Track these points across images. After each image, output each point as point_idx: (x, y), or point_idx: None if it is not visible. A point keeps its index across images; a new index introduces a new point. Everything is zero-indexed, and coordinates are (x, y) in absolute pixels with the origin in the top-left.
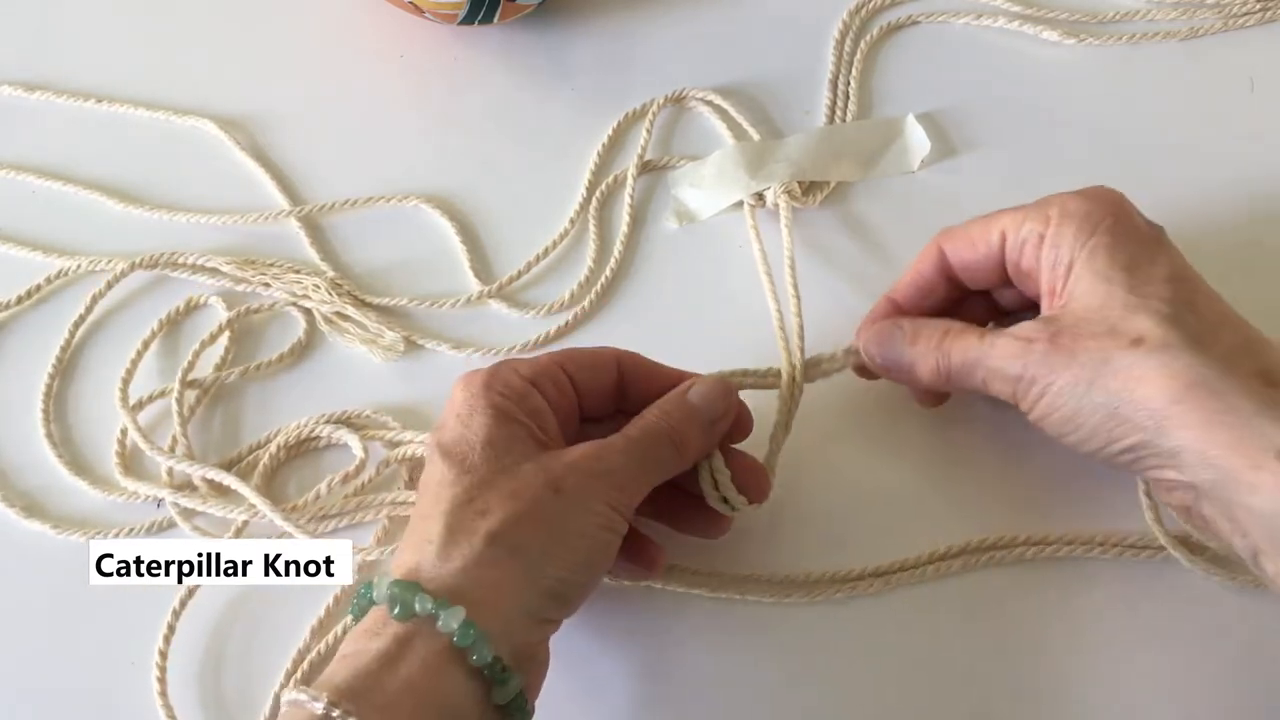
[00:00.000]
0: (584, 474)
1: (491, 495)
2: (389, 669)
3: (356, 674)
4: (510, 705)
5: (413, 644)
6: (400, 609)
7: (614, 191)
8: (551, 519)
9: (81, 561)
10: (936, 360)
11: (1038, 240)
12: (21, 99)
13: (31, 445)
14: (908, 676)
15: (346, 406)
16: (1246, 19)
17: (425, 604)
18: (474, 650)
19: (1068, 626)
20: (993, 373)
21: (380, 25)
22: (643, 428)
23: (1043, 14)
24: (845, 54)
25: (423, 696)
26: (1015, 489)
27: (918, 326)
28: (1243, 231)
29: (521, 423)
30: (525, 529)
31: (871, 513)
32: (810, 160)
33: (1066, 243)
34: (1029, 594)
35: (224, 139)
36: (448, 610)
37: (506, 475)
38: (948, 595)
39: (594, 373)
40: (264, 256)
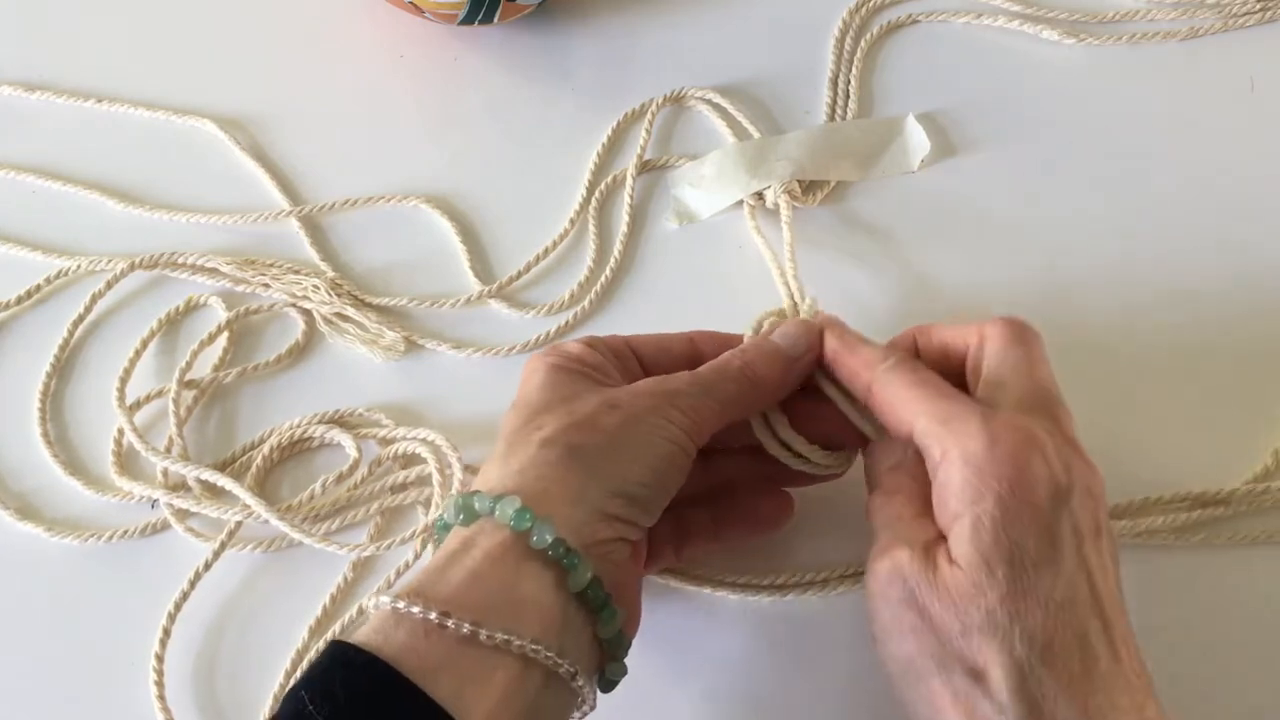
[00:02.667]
0: (643, 393)
1: (548, 416)
2: (453, 563)
3: (424, 573)
4: (590, 595)
5: (476, 540)
6: (464, 515)
7: (614, 191)
8: (608, 429)
9: (76, 563)
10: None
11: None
12: (21, 99)
13: (28, 445)
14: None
15: (345, 407)
16: (1246, 19)
17: (484, 502)
18: (534, 533)
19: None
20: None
21: (380, 25)
22: (714, 364)
23: (1043, 14)
24: (845, 53)
25: (489, 583)
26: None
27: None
28: (1243, 232)
29: (581, 372)
30: (580, 434)
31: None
32: (810, 159)
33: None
34: None
35: (224, 139)
36: (503, 500)
37: (564, 402)
38: None
39: (661, 352)
40: (264, 256)
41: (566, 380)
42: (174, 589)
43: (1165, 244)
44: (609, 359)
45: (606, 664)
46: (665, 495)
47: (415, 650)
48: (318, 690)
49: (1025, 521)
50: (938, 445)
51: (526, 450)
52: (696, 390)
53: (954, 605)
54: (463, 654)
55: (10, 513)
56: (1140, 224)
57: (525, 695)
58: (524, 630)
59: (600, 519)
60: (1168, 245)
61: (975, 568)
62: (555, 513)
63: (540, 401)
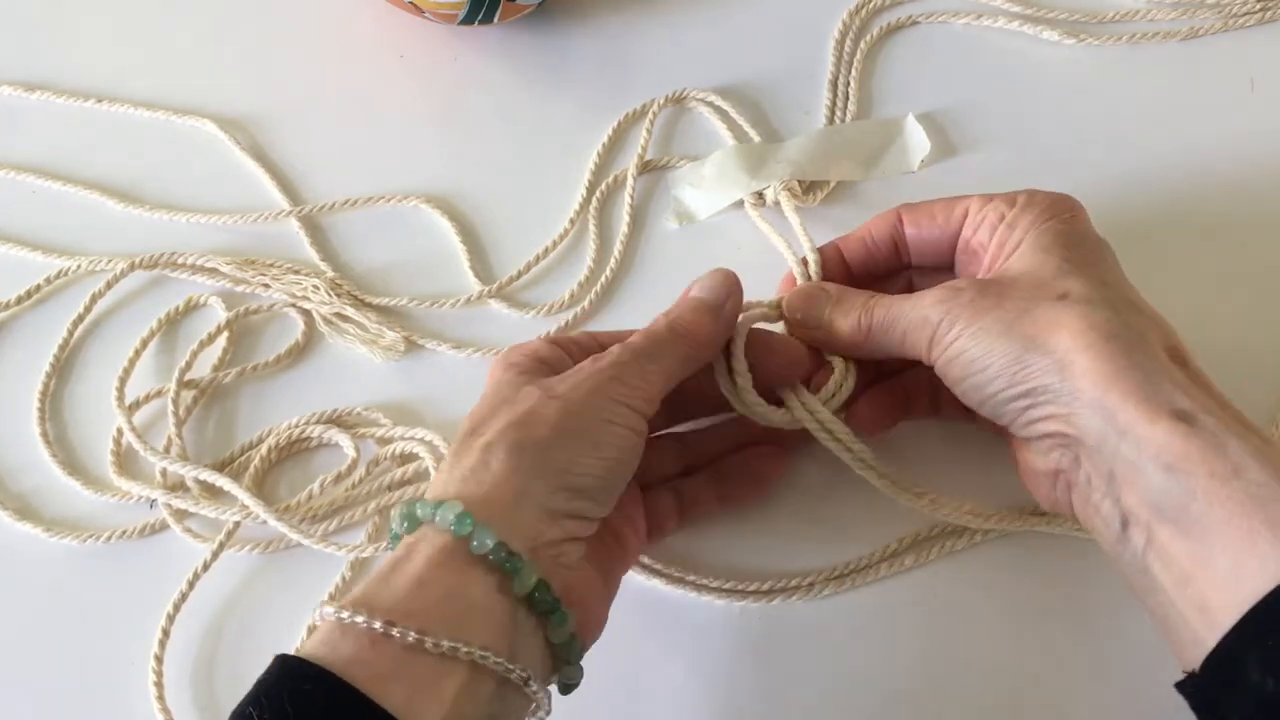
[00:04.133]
0: (581, 378)
1: (491, 419)
2: (397, 570)
3: (369, 582)
4: (537, 600)
5: (419, 546)
6: (408, 523)
7: (614, 191)
8: (550, 420)
9: (75, 563)
10: (859, 317)
11: (997, 219)
12: (21, 99)
13: (27, 445)
14: (896, 665)
15: (343, 407)
16: (1246, 19)
17: (425, 508)
18: (474, 538)
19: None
20: (914, 322)
21: (380, 25)
22: (643, 330)
23: (1043, 14)
24: (845, 54)
25: (434, 589)
26: (953, 480)
27: (843, 292)
28: (1243, 232)
29: (533, 370)
30: (521, 431)
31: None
32: (810, 160)
33: (1022, 225)
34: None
35: (224, 139)
36: (444, 506)
37: (506, 403)
38: (905, 589)
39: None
40: (264, 256)
41: (515, 381)
42: (173, 589)
43: (1165, 243)
44: (573, 353)
45: (560, 668)
46: (618, 480)
47: (363, 661)
48: (266, 706)
49: (1081, 234)
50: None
51: (470, 455)
52: (631, 358)
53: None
54: (411, 663)
55: (9, 513)
56: (1140, 224)
57: (477, 702)
58: (471, 637)
59: (546, 519)
60: (1167, 244)
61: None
62: (497, 516)
63: (487, 406)
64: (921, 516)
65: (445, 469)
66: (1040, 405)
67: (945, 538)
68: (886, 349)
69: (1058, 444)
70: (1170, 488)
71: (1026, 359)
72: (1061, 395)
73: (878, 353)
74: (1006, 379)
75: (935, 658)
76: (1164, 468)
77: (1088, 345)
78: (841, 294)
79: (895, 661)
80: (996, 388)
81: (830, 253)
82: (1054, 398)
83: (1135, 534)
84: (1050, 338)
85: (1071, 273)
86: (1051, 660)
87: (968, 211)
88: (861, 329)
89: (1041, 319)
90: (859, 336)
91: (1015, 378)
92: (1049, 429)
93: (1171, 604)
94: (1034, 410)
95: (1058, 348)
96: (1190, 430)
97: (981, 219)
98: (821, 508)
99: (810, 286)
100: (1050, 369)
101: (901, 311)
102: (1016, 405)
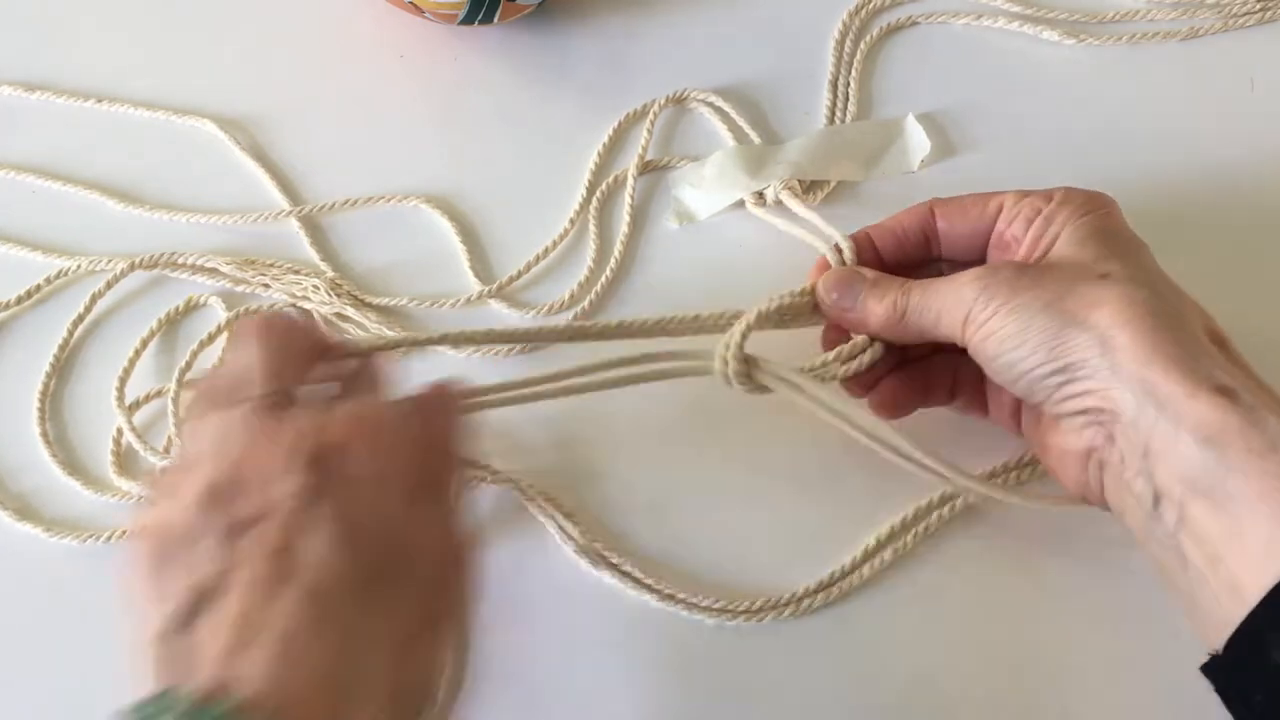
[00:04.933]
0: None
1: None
2: None
3: None
4: None
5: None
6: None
7: (614, 192)
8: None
9: (75, 563)
10: (894, 300)
11: (1034, 213)
12: (21, 99)
13: (27, 446)
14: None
15: None
16: (1246, 19)
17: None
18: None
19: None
20: (950, 302)
21: (380, 25)
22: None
23: (1043, 14)
24: (845, 55)
25: None
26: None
27: (880, 277)
28: (1243, 232)
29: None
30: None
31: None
32: (810, 161)
33: (1059, 219)
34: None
35: (224, 139)
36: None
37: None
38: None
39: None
40: (264, 256)
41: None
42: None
43: (1164, 243)
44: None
45: None
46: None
47: None
48: None
49: (1118, 229)
50: (1042, 196)
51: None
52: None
53: (1063, 266)
54: None
55: (9, 513)
56: (1140, 223)
57: None
58: None
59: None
60: (1167, 244)
61: (1074, 244)
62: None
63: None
64: (896, 503)
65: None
66: (1078, 380)
67: (919, 520)
68: (920, 332)
69: (1092, 421)
70: (1207, 461)
71: (1065, 334)
72: (1101, 370)
73: (911, 336)
74: (1044, 354)
75: (928, 652)
76: (1202, 440)
77: (1129, 320)
78: (878, 278)
79: (896, 665)
80: (1033, 363)
81: (862, 240)
82: (1093, 373)
83: (1168, 511)
84: (1091, 314)
85: (1111, 258)
86: (1057, 637)
87: (1002, 206)
88: (897, 311)
89: (1083, 297)
90: (894, 319)
91: (1053, 353)
92: (1085, 404)
93: (1203, 582)
94: (1071, 386)
95: (1099, 324)
96: (1230, 404)
97: (1017, 213)
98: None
99: (846, 270)
100: (1090, 344)
101: (937, 292)
102: (1052, 381)
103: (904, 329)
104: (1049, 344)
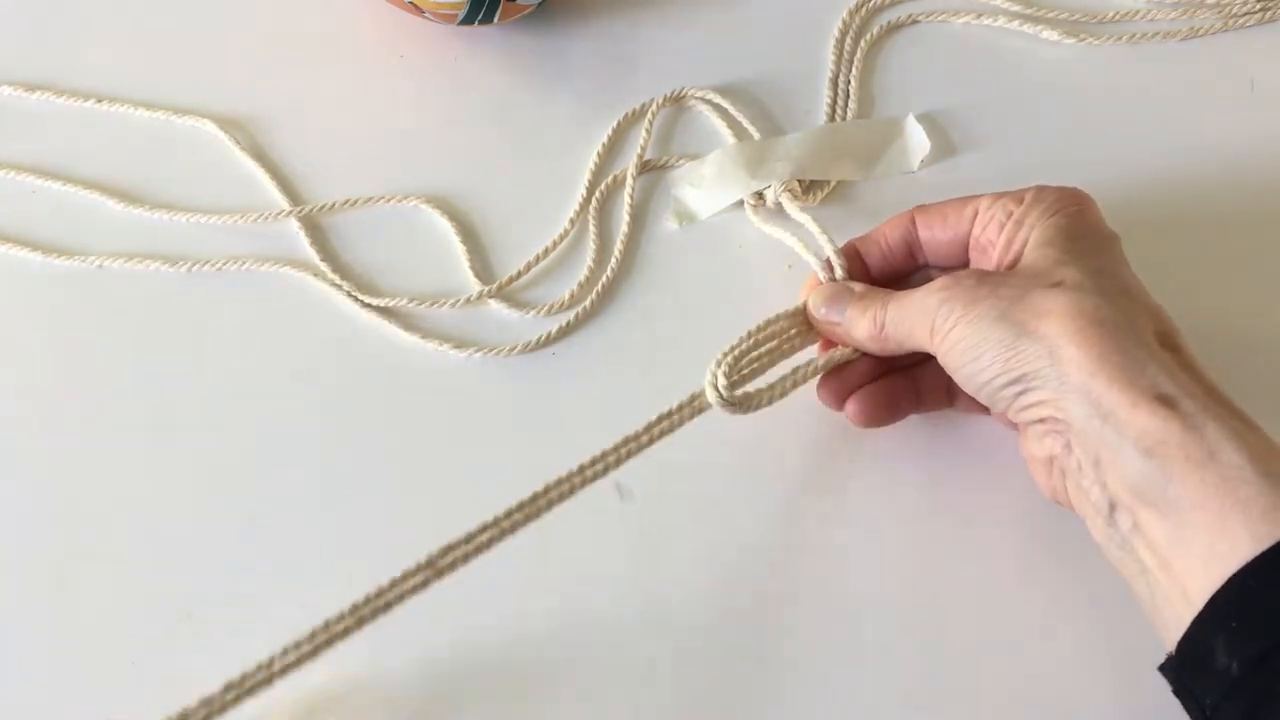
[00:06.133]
0: None
1: None
2: None
3: None
4: None
5: None
6: None
7: (614, 191)
8: None
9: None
10: (874, 314)
11: (1005, 216)
12: (21, 99)
13: None
14: None
15: None
16: (1246, 19)
17: None
18: None
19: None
20: (917, 315)
21: (380, 25)
22: None
23: (1043, 14)
24: (845, 53)
25: None
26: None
27: (867, 291)
28: (1243, 233)
29: None
30: None
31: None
32: (810, 159)
33: (1029, 220)
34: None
35: (224, 139)
36: None
37: None
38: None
39: None
40: (264, 256)
41: None
42: None
43: (1164, 243)
44: None
45: None
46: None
47: None
48: None
49: (1089, 226)
50: (1014, 199)
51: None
52: None
53: (1024, 272)
54: None
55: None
56: (1139, 224)
57: None
58: None
59: None
60: (1167, 244)
61: (1041, 246)
62: None
63: None
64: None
65: None
66: (1032, 391)
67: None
68: (900, 344)
69: (1050, 430)
70: (1149, 471)
71: (1018, 345)
72: (1051, 381)
73: (895, 349)
74: (1000, 365)
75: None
76: (1143, 452)
77: (1076, 331)
78: (864, 292)
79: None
80: (990, 374)
81: (849, 253)
82: (1044, 383)
83: (1122, 518)
84: (1040, 324)
85: (1069, 262)
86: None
87: (977, 211)
88: (877, 325)
89: (1032, 306)
90: (875, 332)
91: (1008, 364)
92: (1040, 414)
93: (1157, 586)
94: (1025, 396)
95: (1047, 334)
96: (1170, 414)
97: (990, 217)
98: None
99: (835, 285)
100: (1040, 355)
101: (910, 304)
102: (1010, 391)
103: (886, 342)
104: (1004, 355)
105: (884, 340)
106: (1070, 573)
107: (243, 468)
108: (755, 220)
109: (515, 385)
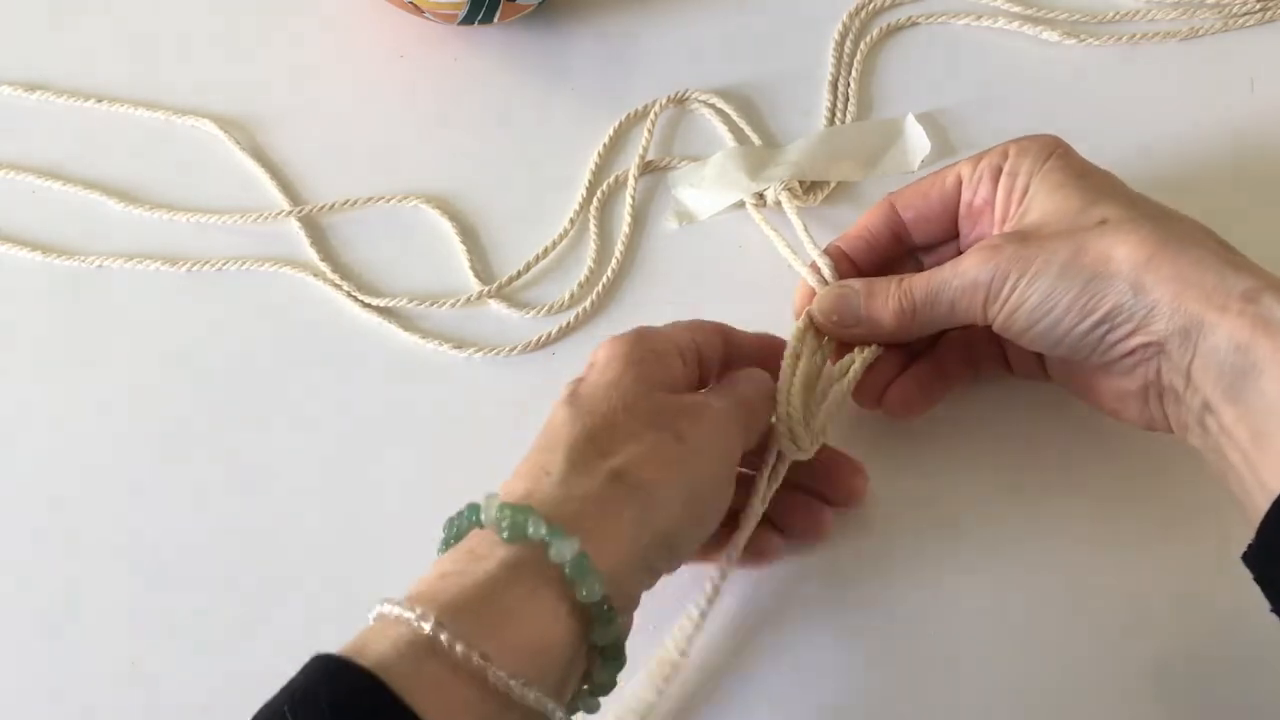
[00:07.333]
0: (710, 427)
1: (619, 439)
2: (494, 594)
3: (463, 592)
4: (609, 649)
5: (521, 571)
6: (511, 531)
7: (615, 192)
8: (674, 462)
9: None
10: (899, 301)
11: (995, 172)
12: (21, 99)
13: None
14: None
15: None
16: (1246, 19)
17: (539, 528)
18: (584, 585)
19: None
20: (962, 289)
21: (380, 25)
22: (746, 391)
23: (1043, 14)
24: (845, 55)
25: (520, 625)
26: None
27: (869, 283)
28: (1243, 233)
29: (656, 380)
30: (650, 470)
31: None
32: (811, 161)
33: (1024, 168)
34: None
35: (224, 139)
36: (563, 540)
37: (638, 421)
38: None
39: (712, 346)
40: (264, 256)
41: (645, 391)
42: None
43: None
44: (688, 357)
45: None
46: (701, 539)
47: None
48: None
49: (1083, 163)
50: (997, 153)
51: (593, 479)
52: (739, 419)
53: (1054, 221)
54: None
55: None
56: None
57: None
58: (543, 686)
59: (643, 571)
60: None
61: (1053, 191)
62: (606, 563)
63: (611, 415)
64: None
65: (558, 473)
66: (1119, 326)
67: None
68: (935, 323)
69: (1141, 358)
70: (1244, 368)
71: (1092, 288)
72: (1137, 311)
73: (925, 331)
74: (1077, 313)
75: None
76: (1235, 348)
77: (1147, 258)
78: (868, 285)
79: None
80: (1069, 324)
81: (835, 253)
82: (1130, 314)
83: (1210, 421)
84: (1109, 263)
85: (1097, 200)
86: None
87: (960, 177)
88: (906, 311)
89: (1091, 249)
90: (905, 319)
91: (1086, 308)
92: (1131, 345)
93: (1242, 481)
94: (1113, 333)
95: (1120, 270)
96: (1257, 310)
97: (979, 177)
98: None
99: (834, 288)
100: (1121, 290)
101: (944, 281)
102: (1095, 334)
103: (917, 326)
104: (1081, 302)
105: (916, 325)
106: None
107: (242, 467)
108: (756, 219)
109: (515, 385)
